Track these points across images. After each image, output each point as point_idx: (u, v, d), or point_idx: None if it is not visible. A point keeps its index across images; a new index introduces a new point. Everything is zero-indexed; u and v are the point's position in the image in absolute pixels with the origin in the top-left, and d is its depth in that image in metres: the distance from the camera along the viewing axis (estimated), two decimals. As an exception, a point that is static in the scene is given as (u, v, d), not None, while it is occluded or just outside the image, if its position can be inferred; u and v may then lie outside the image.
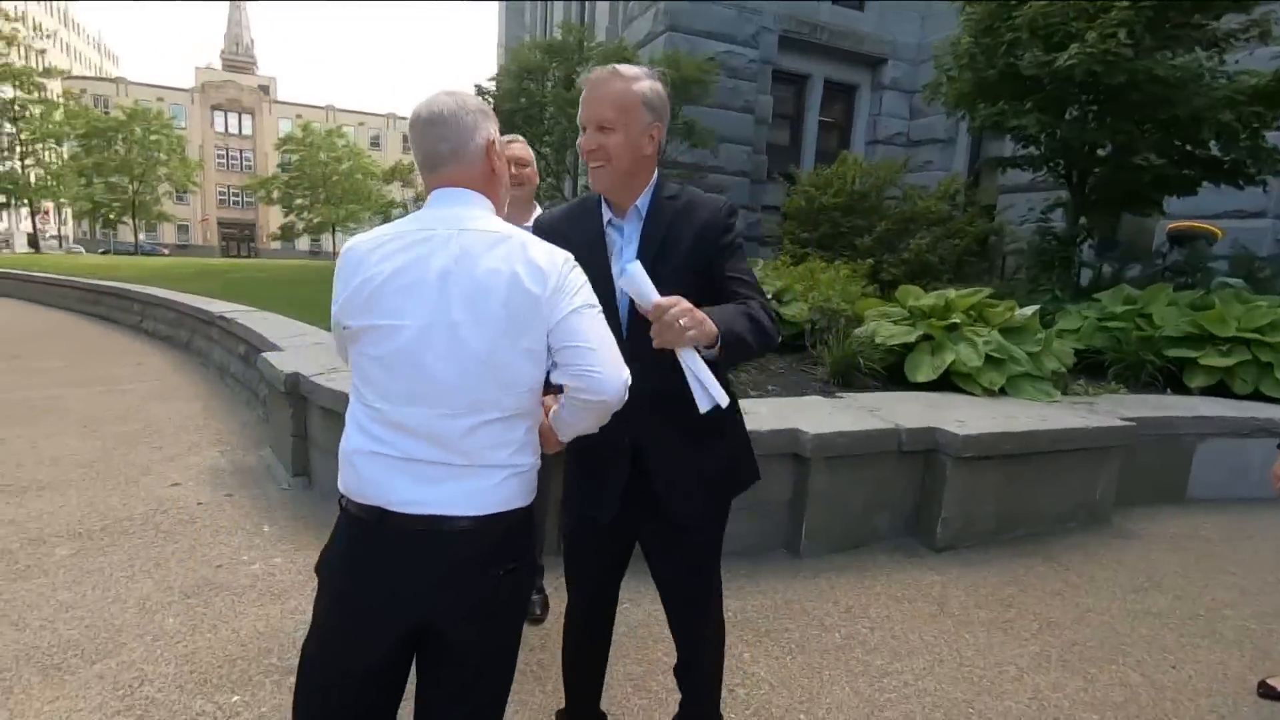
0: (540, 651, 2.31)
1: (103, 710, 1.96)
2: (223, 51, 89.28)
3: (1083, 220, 6.98)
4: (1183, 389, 4.77)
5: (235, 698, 2.03)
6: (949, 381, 4.21)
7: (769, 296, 5.21)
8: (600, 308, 1.22)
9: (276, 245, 55.73)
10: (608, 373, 1.18)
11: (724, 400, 1.29)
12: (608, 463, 1.51)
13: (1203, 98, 5.65)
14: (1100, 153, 6.65)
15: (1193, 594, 2.95)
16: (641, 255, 1.43)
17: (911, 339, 4.42)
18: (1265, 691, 2.22)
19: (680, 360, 1.28)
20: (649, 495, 1.51)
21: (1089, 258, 7.83)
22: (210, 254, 49.60)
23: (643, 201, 1.48)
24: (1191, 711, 2.16)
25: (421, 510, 1.13)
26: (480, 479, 1.15)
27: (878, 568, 3.06)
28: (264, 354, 4.23)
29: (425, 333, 1.12)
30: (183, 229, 56.70)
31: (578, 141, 1.46)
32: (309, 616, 1.23)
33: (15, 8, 29.82)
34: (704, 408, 1.29)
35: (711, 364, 1.30)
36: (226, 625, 2.41)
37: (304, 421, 3.74)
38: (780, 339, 1.46)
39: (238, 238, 59.52)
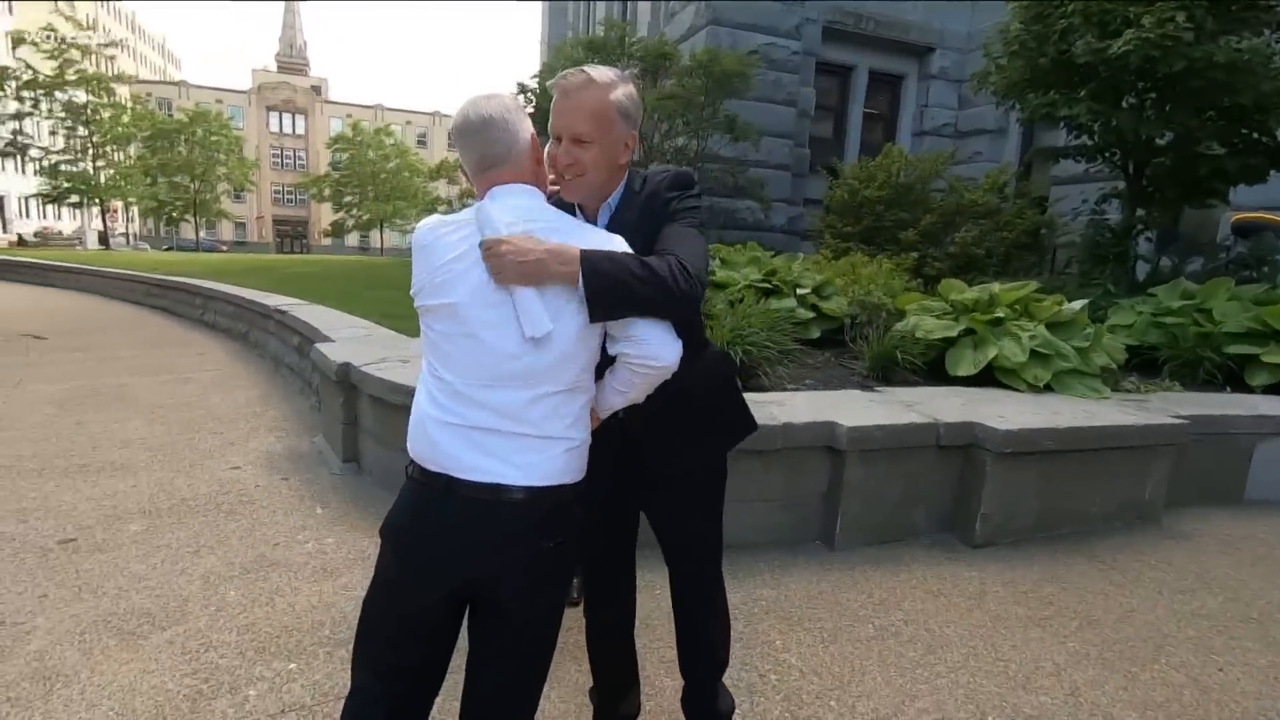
0: (578, 633, 2.38)
1: (173, 672, 2.11)
2: (277, 54, 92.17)
3: (1139, 212, 6.74)
4: (1244, 387, 4.58)
5: (291, 665, 2.16)
6: (991, 377, 4.14)
7: (808, 290, 5.25)
8: None
9: (327, 241, 57.46)
10: (665, 339, 1.28)
11: (535, 331, 1.20)
12: (599, 446, 1.48)
13: (1270, 83, 5.40)
14: (1159, 142, 6.41)
15: (1245, 597, 2.86)
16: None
17: (953, 333, 4.36)
18: None
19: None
20: (638, 465, 1.54)
21: (1146, 251, 7.55)
22: (265, 250, 51.43)
23: (614, 199, 1.48)
24: (1237, 714, 2.11)
25: (483, 478, 1.21)
26: (538, 452, 1.23)
27: (913, 562, 3.05)
28: (317, 345, 4.42)
29: (489, 310, 1.21)
30: (239, 226, 58.95)
31: (547, 150, 1.40)
32: (360, 593, 1.33)
33: (87, 17, 31.35)
34: (527, 334, 1.22)
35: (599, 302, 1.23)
36: (283, 599, 2.55)
37: (354, 410, 3.90)
38: (703, 295, 1.39)
39: (291, 234, 61.57)
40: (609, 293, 1.21)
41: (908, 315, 4.76)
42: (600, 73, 1.36)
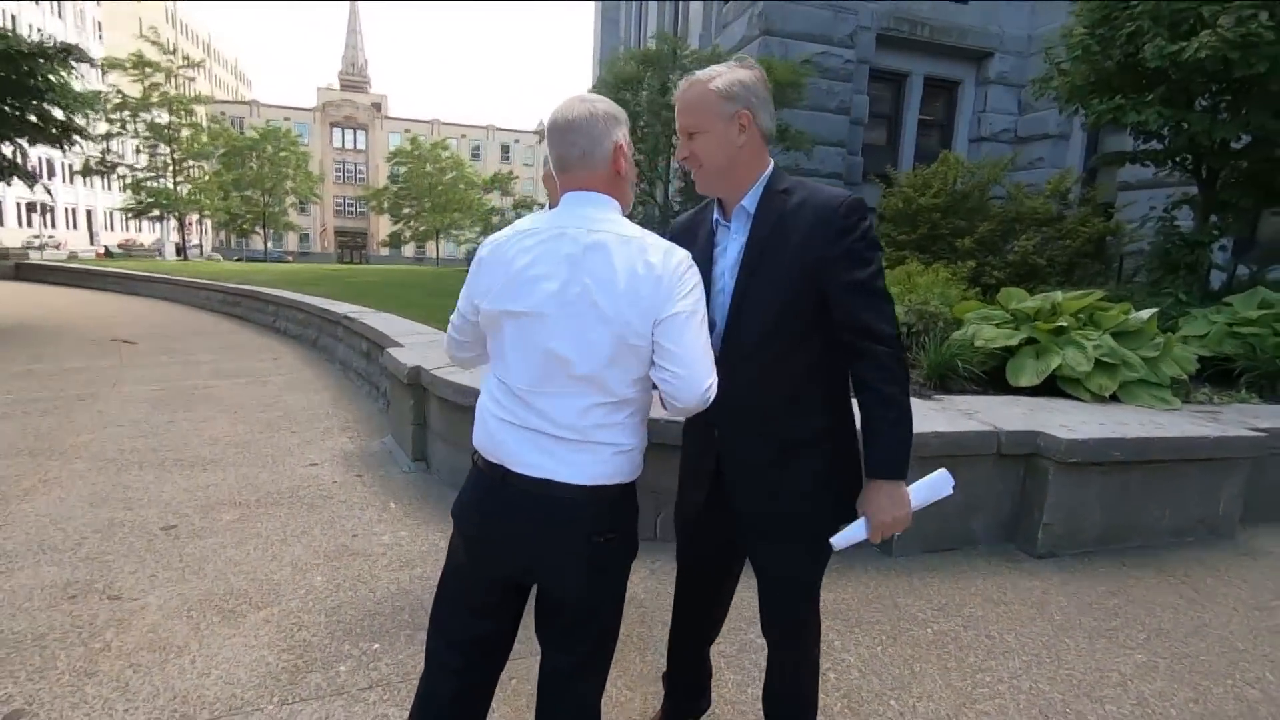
0: (640, 625, 2.48)
1: (271, 648, 2.29)
2: (340, 72, 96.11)
3: (1213, 219, 6.49)
4: (1328, 400, 4.38)
5: (376, 645, 2.32)
6: (1054, 387, 4.08)
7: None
8: (705, 315, 1.31)
9: (385, 251, 59.41)
10: (688, 381, 1.26)
11: (857, 539, 1.42)
12: (702, 457, 1.57)
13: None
14: (1234, 146, 6.18)
15: (1328, 616, 2.76)
16: (744, 257, 1.44)
17: (1014, 342, 4.31)
18: None
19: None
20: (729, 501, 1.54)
21: (1221, 260, 7.25)
22: (327, 260, 53.54)
23: (750, 200, 1.45)
24: (1316, 731, 2.06)
25: (536, 474, 1.28)
26: (588, 454, 1.29)
27: (973, 569, 3.04)
28: (388, 350, 4.66)
29: (552, 320, 1.25)
30: (304, 237, 61.52)
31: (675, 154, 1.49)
32: (434, 582, 1.46)
33: (168, 41, 33.43)
34: (839, 546, 1.44)
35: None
36: (365, 585, 2.73)
37: (424, 411, 4.10)
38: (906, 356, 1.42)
39: (352, 245, 63.94)
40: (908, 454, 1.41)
41: (966, 324, 4.72)
42: (703, 70, 1.42)
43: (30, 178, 10.84)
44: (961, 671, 2.29)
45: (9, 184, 10.75)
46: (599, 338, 1.24)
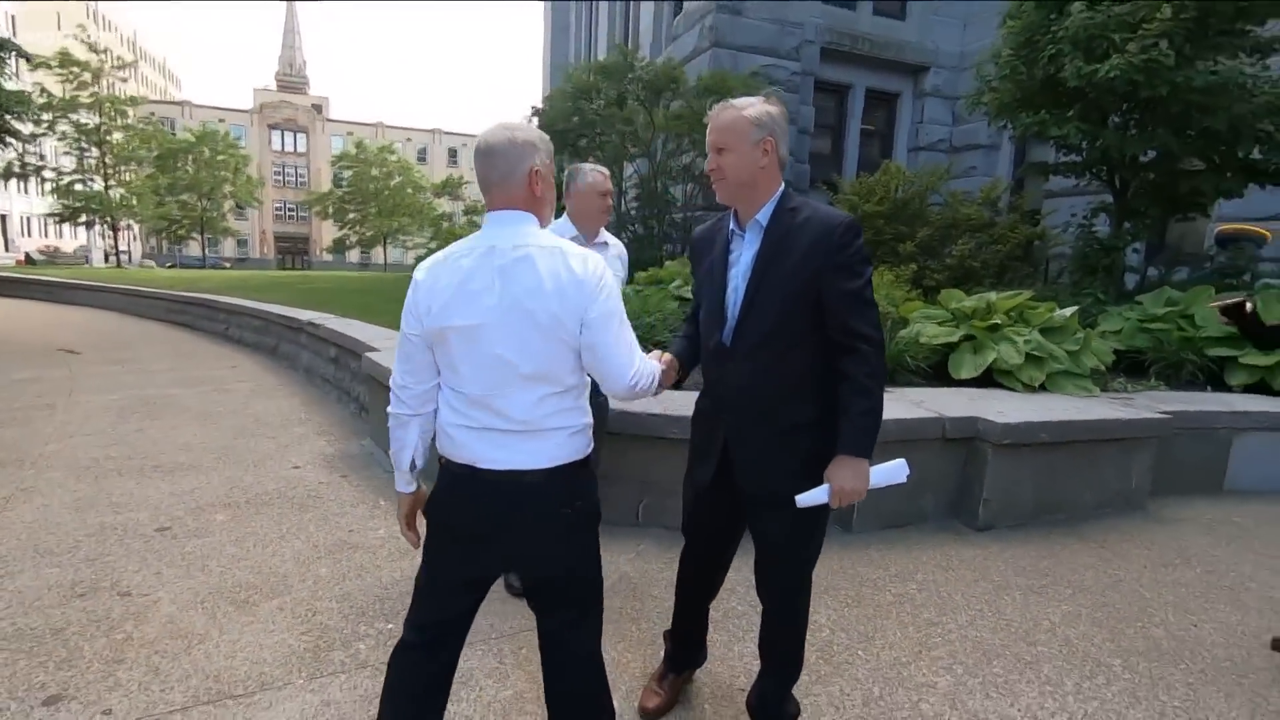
0: (633, 600, 2.72)
1: (290, 631, 2.44)
2: (277, 73, 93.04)
3: (1126, 225, 7.13)
4: (1224, 387, 4.94)
5: (389, 625, 2.49)
6: (991, 379, 4.50)
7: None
8: (624, 314, 1.48)
9: (329, 257, 57.93)
10: (612, 374, 1.46)
11: (818, 501, 1.63)
12: (709, 440, 1.81)
13: (1243, 105, 5.81)
14: (1143, 159, 6.82)
15: (1220, 569, 3.21)
16: (755, 264, 1.67)
17: (955, 339, 4.72)
18: (1278, 645, 2.49)
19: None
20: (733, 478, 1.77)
21: (1135, 262, 7.94)
22: (267, 266, 51.85)
23: (764, 214, 1.68)
24: (1207, 659, 2.45)
25: (502, 467, 1.44)
26: (545, 440, 1.45)
27: (924, 541, 3.39)
28: (366, 355, 4.76)
29: (494, 328, 1.40)
30: (241, 243, 59.38)
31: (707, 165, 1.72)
32: None
33: (96, 41, 31.95)
34: (802, 504, 1.64)
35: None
36: (369, 574, 2.89)
37: (406, 412, 4.24)
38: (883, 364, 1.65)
39: (292, 250, 62.04)
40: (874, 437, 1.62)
41: (911, 323, 5.12)
42: (739, 100, 1.67)
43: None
44: (917, 625, 2.61)
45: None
46: (536, 339, 1.41)
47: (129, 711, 2.00)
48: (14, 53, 9.74)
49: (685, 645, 2.13)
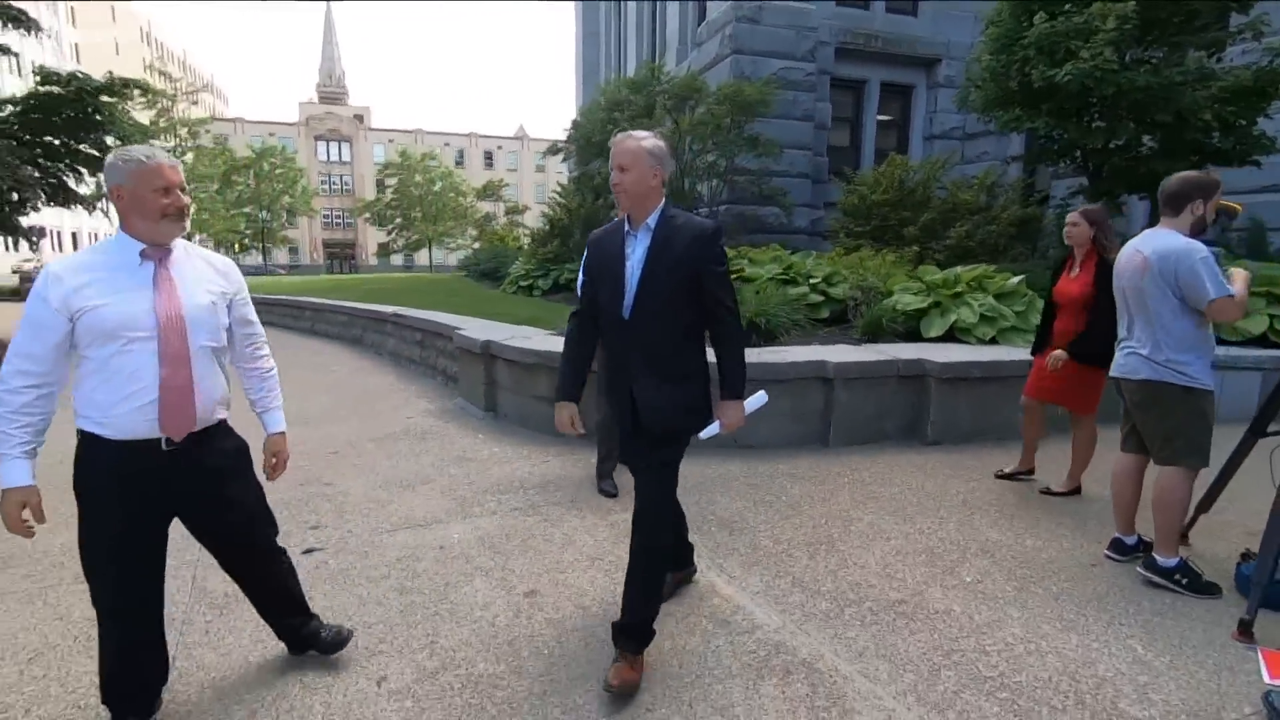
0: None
1: (442, 499, 3.74)
2: (318, 84, 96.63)
3: (1099, 203, 8.04)
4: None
5: (505, 496, 3.77)
6: (954, 337, 5.59)
7: (819, 279, 6.74)
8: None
9: (374, 261, 60.53)
10: None
11: (715, 433, 2.20)
12: (619, 394, 2.24)
13: (1188, 98, 6.72)
14: (1111, 146, 7.73)
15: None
16: (647, 256, 2.11)
17: (924, 305, 5.82)
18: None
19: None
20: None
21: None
22: (317, 271, 54.51)
23: (652, 220, 2.13)
24: (1038, 504, 3.57)
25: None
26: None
27: (883, 452, 4.55)
28: (458, 331, 6.08)
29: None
30: (293, 250, 62.41)
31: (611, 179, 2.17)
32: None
33: (170, 71, 34.55)
34: (704, 437, 2.23)
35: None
36: (482, 474, 4.18)
37: (493, 373, 5.54)
38: (743, 324, 2.25)
39: (340, 255, 64.94)
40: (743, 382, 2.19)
41: (893, 294, 6.23)
42: (638, 132, 2.16)
43: (90, 205, 12.11)
44: (877, 501, 3.75)
45: (72, 210, 12.00)
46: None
47: (363, 530, 3.33)
48: (137, 89, 11.31)
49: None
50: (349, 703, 2.07)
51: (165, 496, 1.85)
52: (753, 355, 4.77)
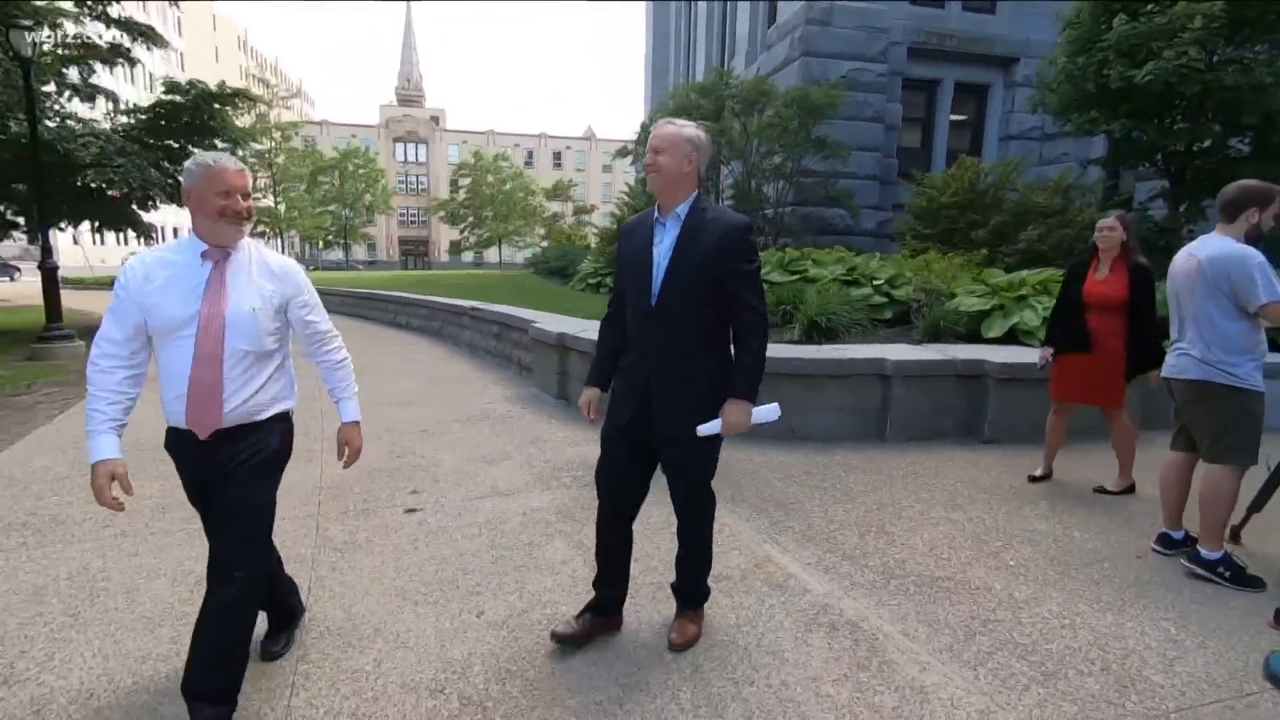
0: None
1: (521, 473, 4.14)
2: (396, 88, 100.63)
3: (1181, 209, 7.82)
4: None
5: (578, 473, 4.14)
6: (1015, 339, 5.64)
7: (882, 281, 6.86)
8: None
9: (446, 258, 62.79)
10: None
11: (713, 431, 2.07)
12: (631, 389, 2.19)
13: (1278, 99, 6.50)
14: (1195, 148, 7.52)
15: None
16: (675, 246, 2.08)
17: (987, 306, 5.88)
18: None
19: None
20: (651, 416, 2.16)
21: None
22: (393, 266, 57.00)
23: (682, 209, 2.10)
24: (1065, 496, 3.67)
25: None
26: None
27: (940, 449, 4.69)
28: (534, 324, 6.51)
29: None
30: (370, 246, 65.41)
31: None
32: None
33: (268, 78, 37.10)
34: (702, 433, 2.08)
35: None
36: (556, 454, 4.57)
37: (565, 364, 5.94)
38: (769, 323, 2.13)
39: (414, 252, 67.60)
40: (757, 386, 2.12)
41: (956, 296, 6.29)
42: (678, 119, 2.16)
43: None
44: (929, 491, 3.94)
45: (181, 207, 13.16)
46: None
47: (455, 496, 3.75)
48: (246, 99, 12.34)
49: (613, 580, 2.41)
50: (456, 629, 2.45)
51: (205, 481, 1.96)
52: (812, 351, 5.00)
